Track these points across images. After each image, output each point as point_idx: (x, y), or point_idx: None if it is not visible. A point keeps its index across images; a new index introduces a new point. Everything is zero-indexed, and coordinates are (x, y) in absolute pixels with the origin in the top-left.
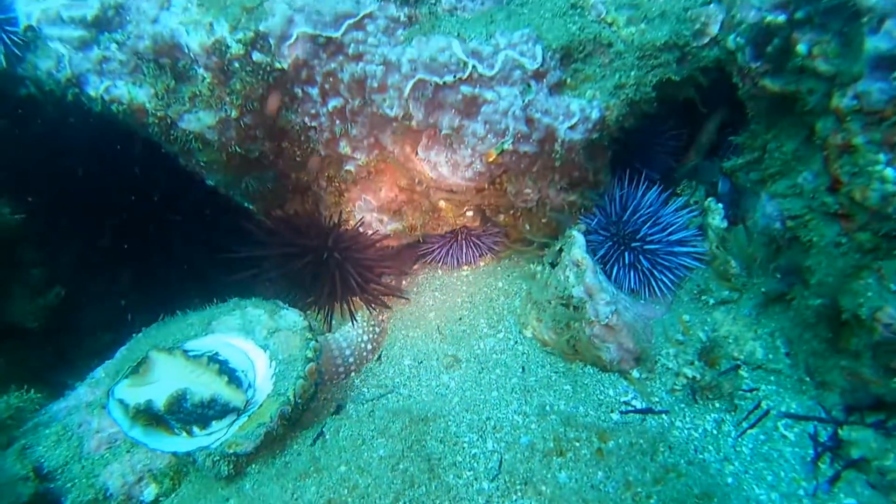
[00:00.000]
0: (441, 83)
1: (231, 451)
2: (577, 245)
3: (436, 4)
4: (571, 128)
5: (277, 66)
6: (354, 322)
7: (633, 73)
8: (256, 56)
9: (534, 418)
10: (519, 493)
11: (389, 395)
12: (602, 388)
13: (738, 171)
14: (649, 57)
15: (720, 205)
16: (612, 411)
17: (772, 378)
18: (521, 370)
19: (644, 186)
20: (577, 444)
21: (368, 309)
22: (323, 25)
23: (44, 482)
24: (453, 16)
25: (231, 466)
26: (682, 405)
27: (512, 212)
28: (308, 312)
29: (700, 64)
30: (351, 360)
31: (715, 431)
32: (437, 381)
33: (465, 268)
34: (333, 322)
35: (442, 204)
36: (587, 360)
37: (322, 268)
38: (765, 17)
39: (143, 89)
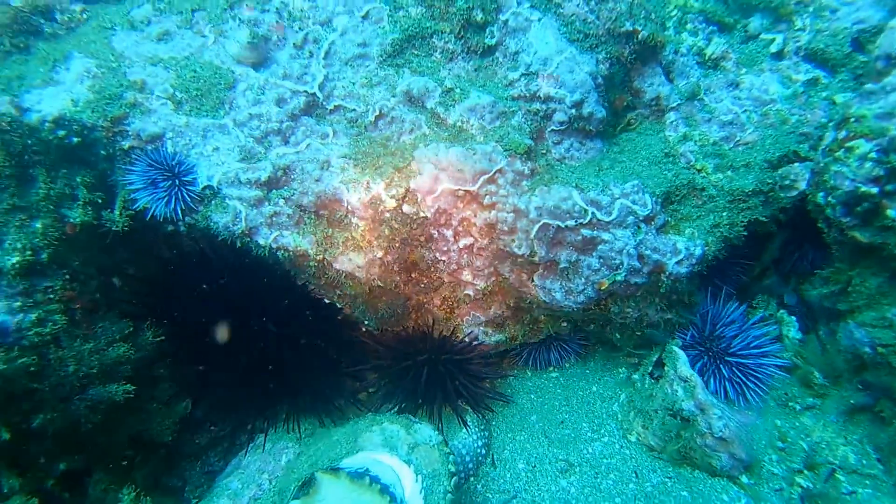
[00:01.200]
0: (563, 227)
1: None
2: (681, 362)
3: (547, 155)
4: (678, 263)
5: (422, 215)
6: (467, 427)
7: (725, 214)
8: (406, 208)
9: None
10: None
11: (513, 501)
12: (716, 494)
13: (823, 298)
14: (739, 200)
15: (793, 317)
16: None
17: (867, 482)
18: (634, 475)
19: (723, 302)
20: None
21: (476, 413)
22: (462, 182)
23: None
24: (563, 164)
25: None
26: None
27: (603, 324)
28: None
29: (780, 205)
30: (471, 465)
31: None
32: (556, 486)
33: (551, 369)
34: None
35: (542, 317)
36: (696, 465)
37: (433, 375)
38: (859, 187)
39: (306, 238)
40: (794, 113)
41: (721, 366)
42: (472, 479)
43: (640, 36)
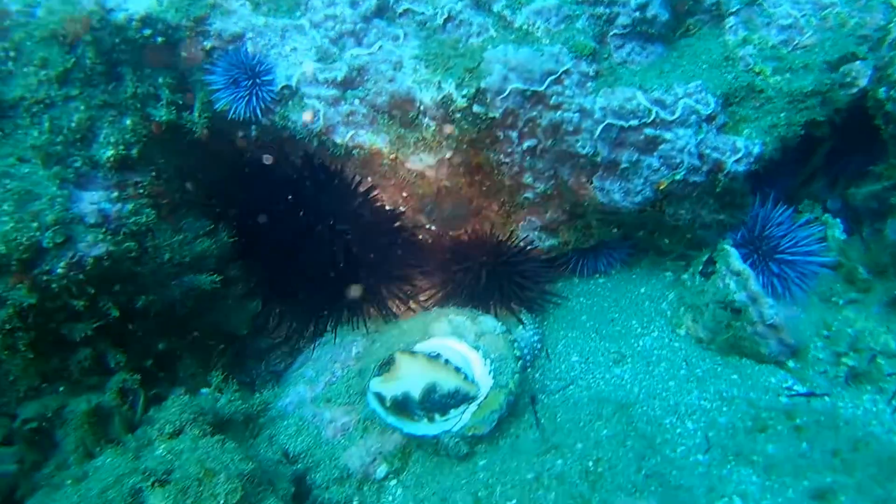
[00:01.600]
0: (626, 126)
1: (470, 433)
2: (734, 257)
3: (609, 58)
4: (737, 161)
5: (491, 115)
6: (523, 324)
7: (783, 115)
8: (476, 108)
9: (719, 403)
10: (733, 463)
11: (571, 387)
12: (765, 377)
13: (871, 198)
14: (797, 101)
15: (837, 219)
16: (778, 395)
17: None
18: (684, 363)
19: (771, 205)
20: (771, 422)
21: (530, 313)
22: (531, 82)
23: (291, 464)
24: (625, 67)
25: (467, 447)
26: (839, 389)
27: (653, 229)
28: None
29: (836, 106)
30: (528, 357)
31: (873, 409)
32: (611, 374)
33: (598, 276)
34: None
35: (594, 223)
36: (744, 354)
37: (490, 278)
38: None
39: (381, 136)
40: (853, 16)
41: (770, 263)
42: (528, 369)
43: None
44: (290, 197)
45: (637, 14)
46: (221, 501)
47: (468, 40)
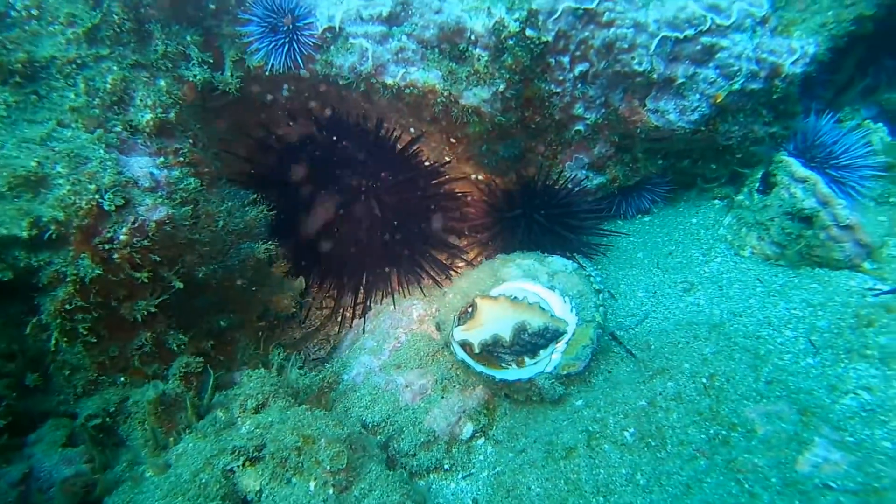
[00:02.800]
0: (682, 37)
1: (565, 372)
2: (796, 165)
3: None
4: (794, 63)
5: (544, 38)
6: (582, 266)
7: (830, 13)
8: (529, 31)
9: (812, 309)
10: (846, 361)
11: (647, 320)
12: (844, 282)
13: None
14: None
15: (880, 124)
16: (864, 296)
17: None
18: (757, 281)
19: (815, 116)
20: (875, 317)
21: (586, 256)
22: None
23: (373, 434)
24: None
25: (563, 387)
26: None
27: (698, 156)
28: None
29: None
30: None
31: None
32: (685, 302)
33: (641, 215)
34: None
35: (640, 155)
36: (818, 263)
37: (542, 225)
38: None
39: (433, 73)
40: None
41: (827, 170)
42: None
43: None
44: (325, 161)
45: None
46: (327, 467)
47: None
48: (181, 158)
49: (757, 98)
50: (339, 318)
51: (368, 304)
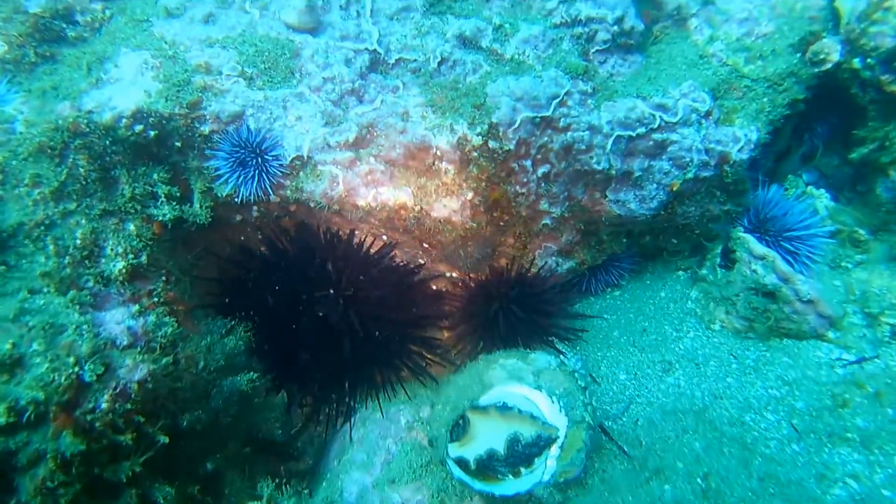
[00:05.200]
0: (635, 135)
1: (563, 479)
2: (753, 243)
3: (596, 74)
4: (740, 150)
5: (506, 147)
6: (563, 354)
7: (766, 100)
8: (491, 143)
9: (787, 388)
10: (829, 445)
11: (632, 405)
12: (813, 353)
13: (859, 161)
14: (776, 85)
15: (822, 189)
16: (832, 368)
17: None
18: (732, 357)
19: (762, 187)
20: (848, 396)
21: (561, 341)
22: (538, 108)
23: None
24: (613, 80)
25: (561, 494)
26: (884, 348)
27: (659, 232)
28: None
29: (809, 84)
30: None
31: None
32: (666, 384)
33: (610, 289)
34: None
35: (605, 237)
36: (785, 335)
37: (517, 313)
38: None
39: (402, 190)
40: (797, 0)
41: (781, 242)
42: None
43: None
44: (299, 273)
45: (615, 28)
46: None
47: (466, 78)
48: (156, 299)
49: (710, 182)
50: (326, 420)
51: (352, 404)
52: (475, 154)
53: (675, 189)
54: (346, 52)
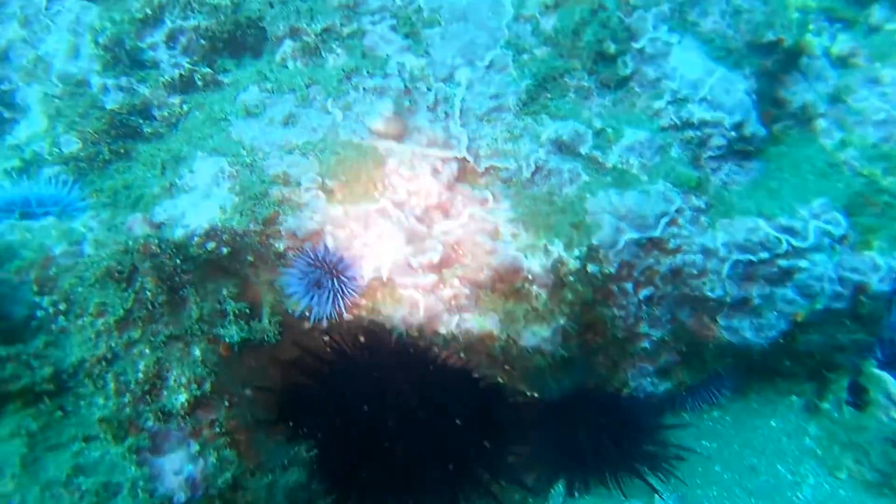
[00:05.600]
0: (756, 260)
1: None
2: (893, 385)
3: (708, 188)
4: (881, 280)
5: (606, 271)
6: (658, 493)
7: None
8: (590, 268)
9: None
10: None
11: None
12: None
13: None
14: None
15: None
16: None
17: None
18: None
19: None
20: None
21: (653, 473)
22: (645, 228)
23: None
24: (727, 189)
25: None
26: None
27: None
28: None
29: None
30: None
31: None
32: None
33: (708, 407)
34: None
35: (709, 358)
36: None
37: (605, 439)
38: None
39: (489, 317)
40: None
41: None
42: None
43: (784, 44)
44: (366, 385)
45: (733, 133)
46: None
47: (562, 190)
48: (217, 429)
49: (840, 313)
50: None
51: None
52: (571, 279)
53: (799, 319)
54: (433, 161)
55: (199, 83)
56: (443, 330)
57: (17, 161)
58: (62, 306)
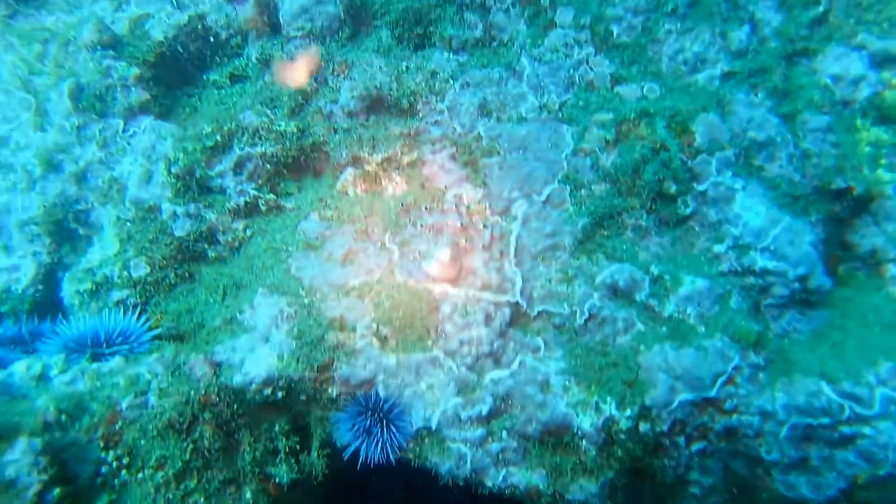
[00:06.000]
0: (816, 425)
1: None
2: None
3: (767, 332)
4: None
5: (658, 430)
6: None
7: None
8: (642, 427)
9: None
10: None
11: None
12: None
13: None
14: None
15: None
16: None
17: None
18: None
19: None
20: None
21: None
22: (700, 388)
23: None
24: (787, 339)
25: None
26: None
27: None
28: None
29: None
30: None
31: None
32: None
33: None
34: None
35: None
36: None
37: None
38: None
39: (536, 472)
40: None
41: None
42: None
43: (854, 193)
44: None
45: (797, 285)
46: None
47: (615, 340)
48: None
49: None
50: None
51: None
52: (622, 437)
53: (860, 481)
54: (486, 307)
55: (263, 208)
56: (489, 483)
57: (90, 284)
58: (125, 460)
